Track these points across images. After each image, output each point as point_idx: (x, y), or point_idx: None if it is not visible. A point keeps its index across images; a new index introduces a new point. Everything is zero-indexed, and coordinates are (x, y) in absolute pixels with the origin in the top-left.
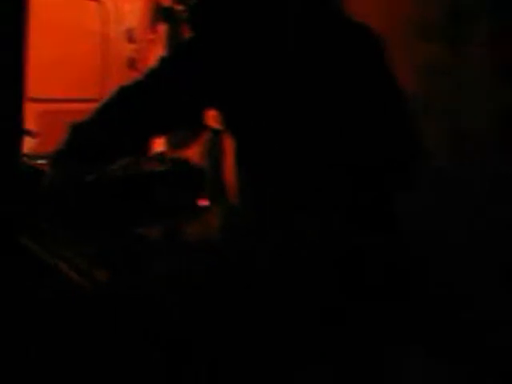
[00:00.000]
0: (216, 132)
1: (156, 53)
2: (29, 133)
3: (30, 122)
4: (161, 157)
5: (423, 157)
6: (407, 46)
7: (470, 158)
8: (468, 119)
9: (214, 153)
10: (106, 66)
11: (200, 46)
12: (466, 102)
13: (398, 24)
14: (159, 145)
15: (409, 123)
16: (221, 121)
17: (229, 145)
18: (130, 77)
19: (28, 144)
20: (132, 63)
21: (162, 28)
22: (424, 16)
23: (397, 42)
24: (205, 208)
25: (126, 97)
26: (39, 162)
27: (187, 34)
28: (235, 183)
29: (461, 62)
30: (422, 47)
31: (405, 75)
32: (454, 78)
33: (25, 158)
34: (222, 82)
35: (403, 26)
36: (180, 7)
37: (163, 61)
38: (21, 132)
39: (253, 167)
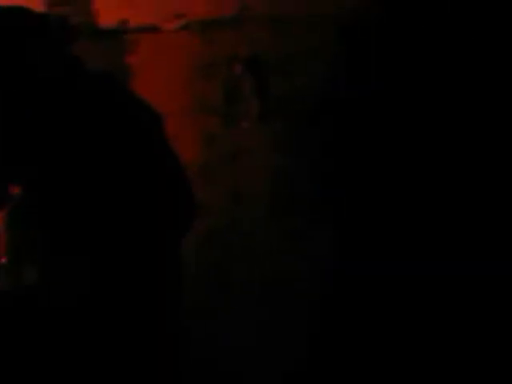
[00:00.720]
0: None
1: None
2: None
3: None
4: None
5: (197, 217)
6: (191, 119)
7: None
8: (245, 182)
9: (23, 217)
10: None
11: None
12: (245, 169)
13: (183, 100)
14: None
15: (184, 187)
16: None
17: None
18: None
19: None
20: None
21: None
22: (204, 93)
23: (182, 115)
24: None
25: None
26: None
27: None
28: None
29: (236, 134)
30: (203, 120)
31: (188, 145)
32: (231, 147)
33: None
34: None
35: (188, 103)
36: None
37: None
38: None
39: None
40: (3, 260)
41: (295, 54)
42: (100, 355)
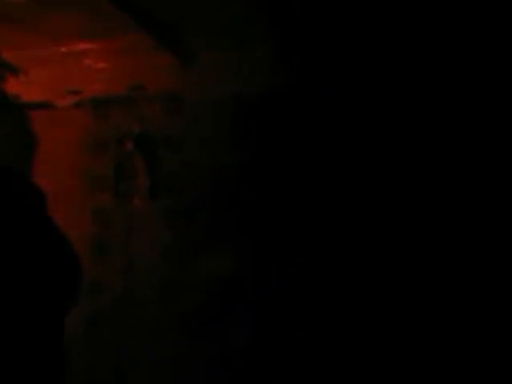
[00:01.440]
0: None
1: None
2: None
3: None
4: None
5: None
6: (83, 195)
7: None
8: (137, 257)
9: None
10: None
11: None
12: (134, 242)
13: (75, 177)
14: None
15: (70, 262)
16: None
17: None
18: None
19: None
20: None
21: None
22: (96, 170)
23: (74, 191)
24: None
25: None
26: None
27: None
28: None
29: (127, 210)
30: (95, 196)
31: (80, 221)
32: (123, 223)
33: None
34: None
35: (80, 179)
36: None
37: None
38: None
39: None
40: None
41: (186, 131)
42: None
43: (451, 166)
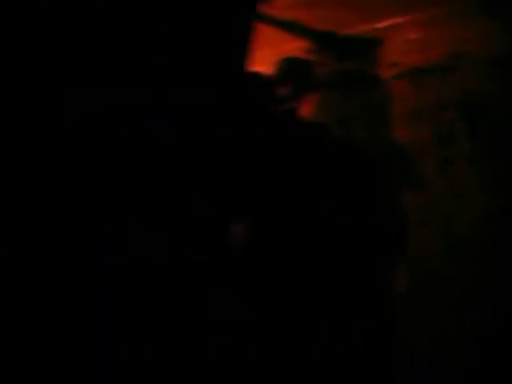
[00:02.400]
0: None
1: None
2: None
3: None
4: None
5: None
6: None
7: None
8: (457, 223)
9: None
10: None
11: None
12: (455, 210)
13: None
14: None
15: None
16: None
17: None
18: None
19: None
20: None
21: None
22: (416, 138)
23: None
24: None
25: None
26: None
27: None
28: None
29: (448, 176)
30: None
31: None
32: (444, 189)
33: None
34: None
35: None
36: None
37: None
38: None
39: None
40: None
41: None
42: None
43: None
